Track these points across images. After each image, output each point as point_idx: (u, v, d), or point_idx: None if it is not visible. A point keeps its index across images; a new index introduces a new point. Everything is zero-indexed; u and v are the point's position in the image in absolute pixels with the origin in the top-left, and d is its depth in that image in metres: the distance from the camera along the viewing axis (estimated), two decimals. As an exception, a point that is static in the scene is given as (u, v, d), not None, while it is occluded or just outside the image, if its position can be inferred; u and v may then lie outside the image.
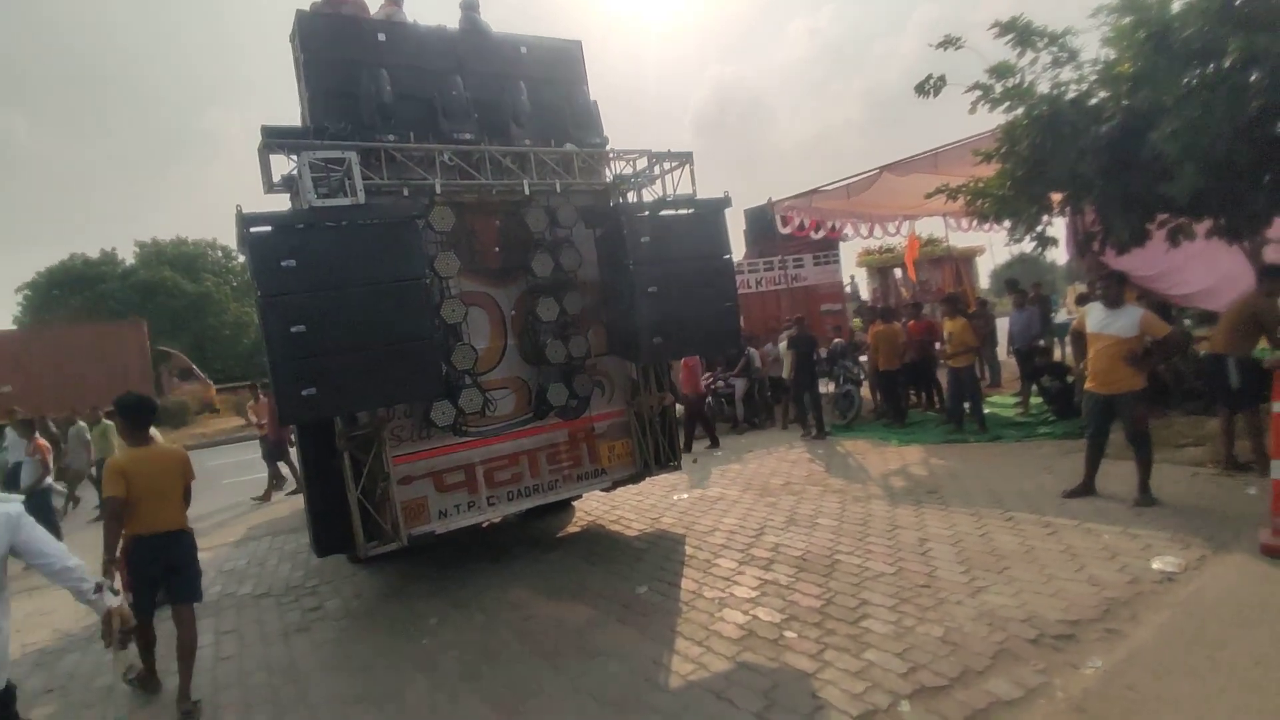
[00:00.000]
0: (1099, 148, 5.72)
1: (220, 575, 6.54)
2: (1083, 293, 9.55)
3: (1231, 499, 5.09)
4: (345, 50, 5.22)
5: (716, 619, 4.23)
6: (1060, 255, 10.00)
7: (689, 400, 10.16)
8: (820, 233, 12.81)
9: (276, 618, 5.25)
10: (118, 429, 4.42)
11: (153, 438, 4.45)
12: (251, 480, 10.72)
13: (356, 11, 5.67)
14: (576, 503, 7.39)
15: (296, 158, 4.53)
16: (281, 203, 5.15)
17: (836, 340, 11.37)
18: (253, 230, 4.20)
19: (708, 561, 5.24)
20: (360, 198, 4.54)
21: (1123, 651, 3.28)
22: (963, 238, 15.88)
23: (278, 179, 4.84)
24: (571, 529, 6.78)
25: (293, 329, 4.14)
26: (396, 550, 5.04)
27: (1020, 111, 6.35)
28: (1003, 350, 11.92)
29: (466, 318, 5.17)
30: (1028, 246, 7.19)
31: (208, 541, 7.87)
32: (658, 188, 6.01)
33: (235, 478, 12.15)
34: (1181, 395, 7.66)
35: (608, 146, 5.99)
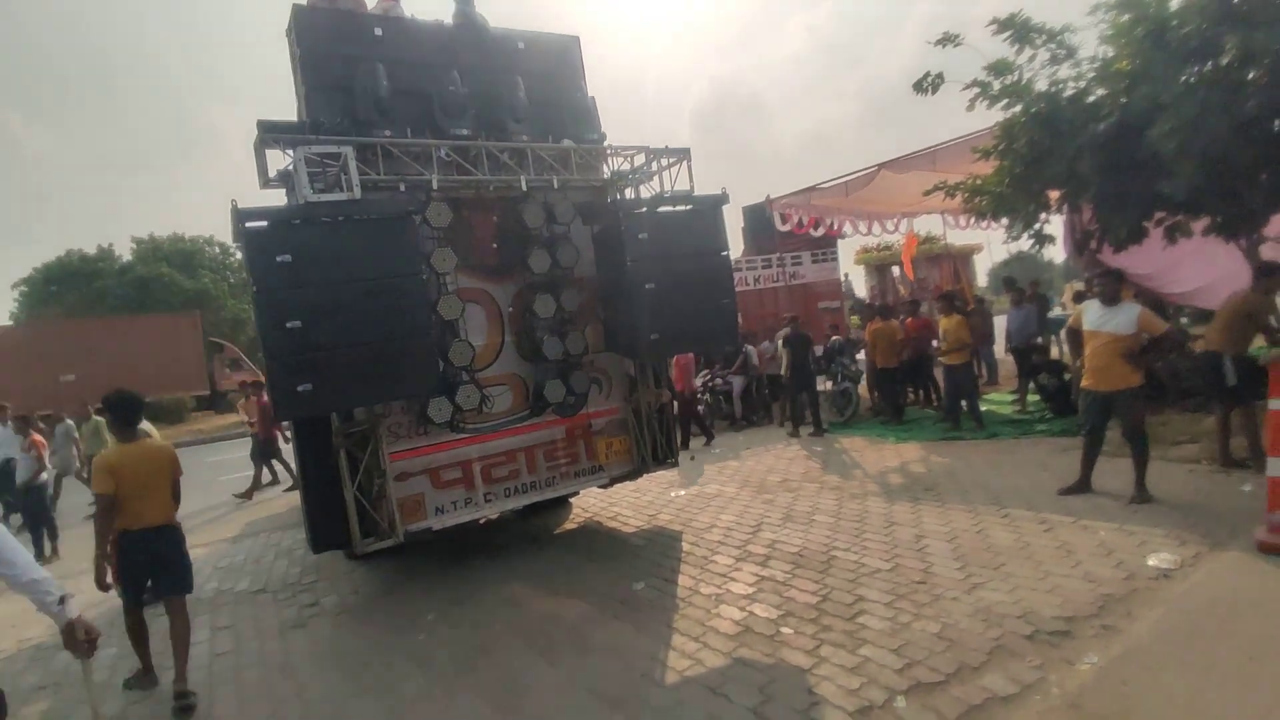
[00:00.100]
0: (1097, 145, 5.73)
1: (217, 571, 6.54)
2: (1080, 290, 9.56)
3: (1227, 496, 5.10)
4: (342, 45, 5.20)
5: (713, 615, 4.23)
6: (1058, 253, 10.03)
7: (681, 398, 10.16)
8: (820, 230, 12.80)
9: (273, 614, 5.24)
10: (108, 425, 4.42)
11: (146, 433, 4.44)
12: (247, 477, 10.68)
13: (353, 6, 5.64)
14: (574, 499, 7.39)
15: (292, 153, 4.52)
16: (278, 198, 5.13)
17: (834, 338, 11.36)
18: (248, 225, 4.19)
19: (705, 558, 5.25)
20: (356, 193, 4.52)
21: (1118, 647, 3.29)
22: (961, 236, 15.91)
23: (274, 174, 4.84)
24: (569, 525, 6.78)
25: (289, 324, 4.13)
26: (393, 547, 5.04)
27: (1018, 109, 6.36)
28: (1000, 348, 11.93)
29: (463, 314, 5.17)
30: (1025, 244, 7.23)
31: (205, 538, 7.87)
32: (655, 184, 6.00)
33: (232, 474, 12.12)
34: (1178, 393, 7.67)
35: (605, 142, 5.98)
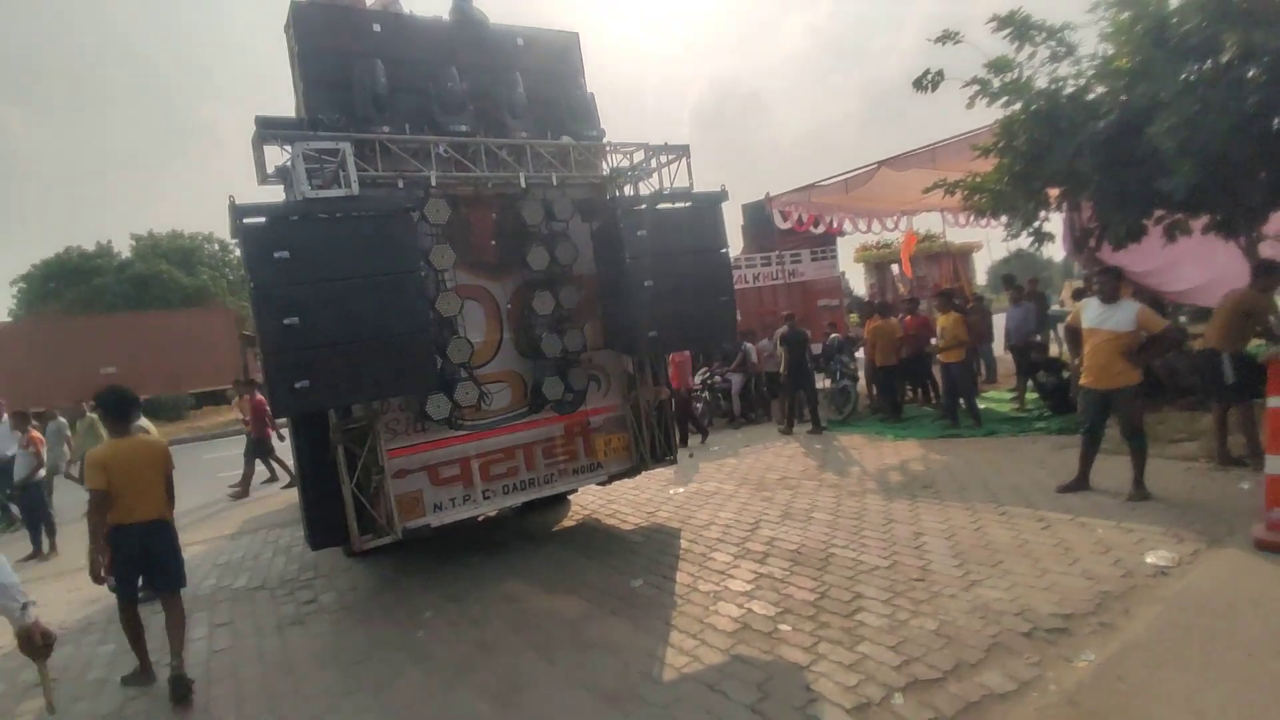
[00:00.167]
0: (1096, 143, 5.72)
1: (215, 568, 6.54)
2: (1079, 288, 9.56)
3: (1225, 494, 5.11)
4: (340, 41, 5.18)
5: (711, 612, 4.23)
6: (1057, 251, 10.02)
7: (677, 396, 10.16)
8: (820, 228, 12.79)
9: (271, 610, 5.24)
10: (102, 421, 4.46)
11: (142, 428, 4.46)
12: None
13: (352, 2, 5.63)
14: (572, 497, 7.39)
15: (290, 149, 4.50)
16: (276, 194, 5.12)
17: (833, 335, 11.36)
18: (246, 221, 4.17)
19: (703, 555, 5.25)
20: (354, 189, 4.51)
21: (1115, 645, 3.29)
22: (961, 234, 15.84)
23: (272, 170, 4.82)
24: (567, 523, 6.78)
25: (286, 321, 4.12)
26: (391, 543, 5.04)
27: (1018, 106, 6.35)
28: (999, 346, 11.94)
29: (462, 311, 5.16)
30: (1025, 242, 7.22)
31: (202, 534, 7.88)
32: (655, 181, 5.99)
33: (230, 471, 12.09)
34: (1176, 391, 7.67)
35: (604, 139, 5.97)
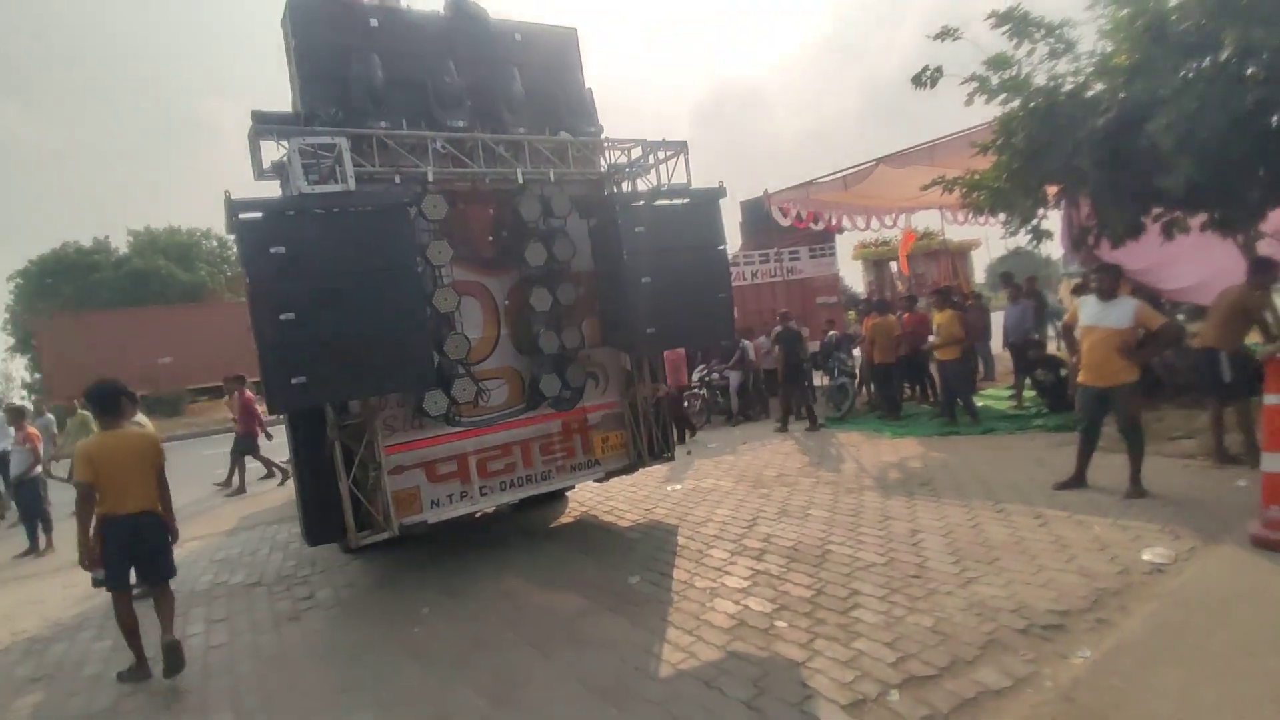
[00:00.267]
0: (1095, 140, 5.70)
1: (212, 564, 6.53)
2: (1078, 283, 9.54)
3: (1222, 491, 5.11)
4: (337, 35, 5.16)
5: (708, 608, 4.23)
6: (1055, 249, 9.98)
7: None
8: (819, 225, 12.79)
9: (268, 606, 5.23)
10: (94, 416, 4.50)
11: (140, 424, 4.46)
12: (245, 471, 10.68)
13: (349, -4, 5.61)
14: (570, 493, 7.39)
15: (287, 144, 4.49)
16: (272, 190, 5.11)
17: (831, 333, 11.37)
18: (242, 216, 4.16)
19: (700, 552, 5.25)
20: (351, 185, 4.50)
21: (1111, 641, 3.29)
22: (959, 231, 15.84)
23: (268, 165, 4.81)
24: (564, 519, 6.78)
25: (283, 316, 4.11)
26: (388, 540, 5.03)
27: (1017, 103, 6.33)
28: (997, 344, 11.94)
29: (459, 307, 5.14)
30: (1023, 240, 7.21)
31: (200, 530, 7.86)
32: (653, 177, 5.97)
33: (227, 468, 12.09)
34: (1174, 388, 7.68)
35: (602, 135, 5.95)
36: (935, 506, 5.60)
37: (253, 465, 10.56)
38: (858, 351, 11.25)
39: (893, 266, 17.49)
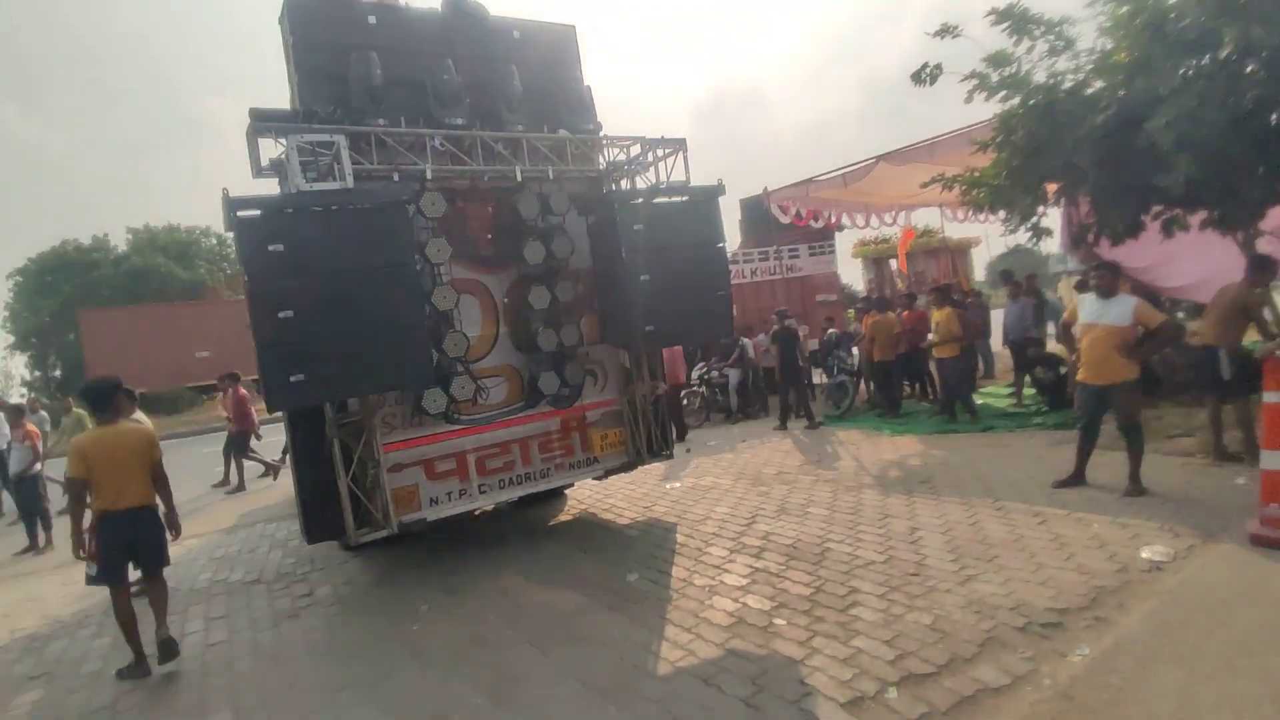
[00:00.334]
0: (1094, 138, 5.70)
1: (211, 562, 6.53)
2: (1079, 280, 9.54)
3: (1221, 489, 5.11)
4: (335, 32, 5.16)
5: (706, 606, 4.23)
6: (1049, 247, 9.95)
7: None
8: (819, 222, 12.78)
9: (267, 604, 5.24)
10: (89, 413, 4.54)
11: (138, 421, 4.48)
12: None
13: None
14: (569, 491, 7.39)
15: (285, 141, 4.48)
16: (271, 187, 5.11)
17: (831, 330, 11.36)
18: (240, 214, 4.15)
19: (699, 549, 5.25)
20: (349, 182, 4.49)
21: (1110, 639, 3.29)
22: (959, 229, 15.82)
23: (266, 163, 4.80)
24: (563, 517, 6.78)
25: (280, 314, 4.11)
26: (388, 537, 5.03)
27: (1016, 101, 6.32)
28: (997, 341, 11.94)
29: (458, 305, 5.14)
30: (1023, 237, 7.20)
31: (199, 528, 7.86)
32: (651, 175, 5.97)
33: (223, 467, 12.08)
34: (1173, 386, 7.67)
35: (601, 133, 5.94)
36: (934, 504, 5.60)
37: (252, 463, 10.55)
38: (857, 349, 11.25)
39: (892, 264, 17.47)
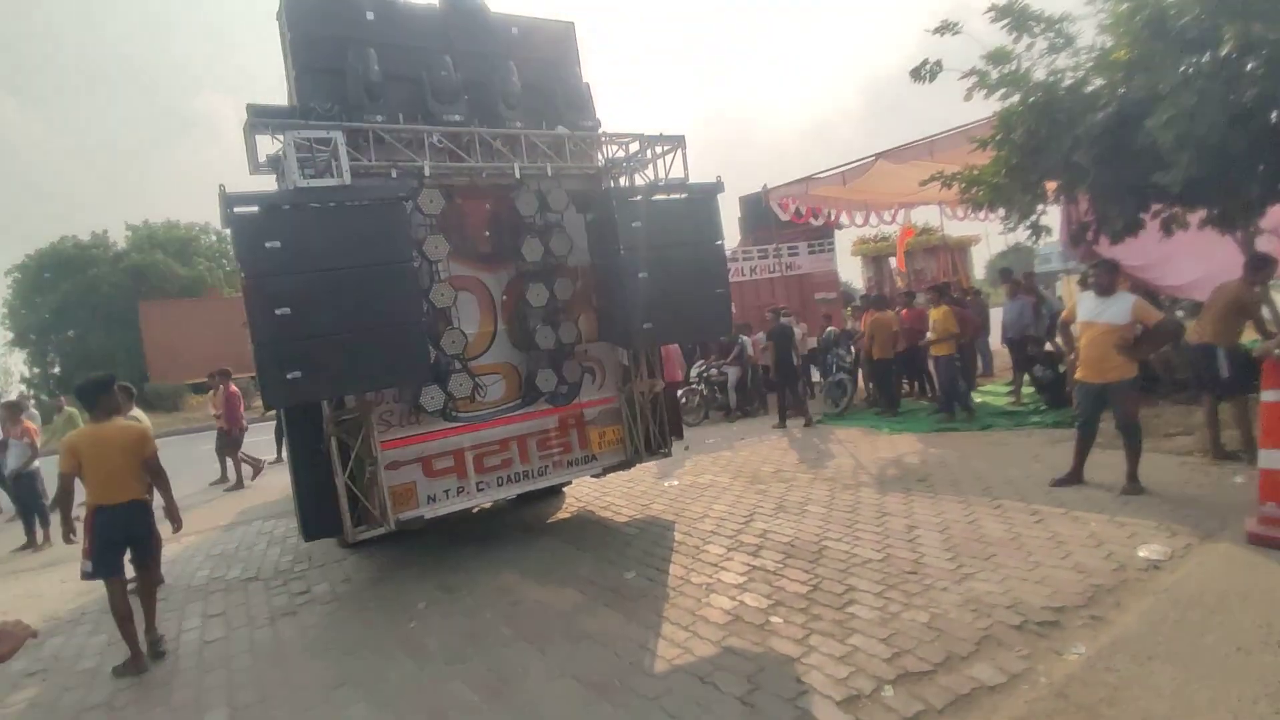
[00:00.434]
0: (1094, 135, 5.68)
1: (209, 559, 6.53)
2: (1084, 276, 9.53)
3: (1219, 488, 5.11)
4: (333, 28, 5.13)
5: (703, 604, 4.23)
6: (1043, 245, 9.93)
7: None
8: (819, 220, 12.76)
9: (264, 601, 5.23)
10: (83, 409, 4.64)
11: (136, 418, 4.50)
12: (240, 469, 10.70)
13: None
14: (566, 489, 7.39)
15: (282, 137, 4.46)
16: (268, 184, 5.09)
17: (830, 328, 11.35)
18: (237, 211, 4.14)
19: (696, 547, 5.25)
20: (347, 179, 4.48)
21: (1106, 638, 3.29)
22: (959, 227, 15.82)
23: (263, 159, 4.77)
24: (561, 515, 6.78)
25: (278, 311, 4.10)
26: (385, 535, 5.03)
27: (1016, 99, 6.30)
28: (996, 339, 11.94)
29: (456, 302, 5.14)
30: (1022, 235, 7.19)
31: (197, 525, 7.86)
32: (650, 172, 5.95)
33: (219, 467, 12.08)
34: (1171, 385, 7.67)
35: (600, 130, 5.93)
36: (932, 503, 5.60)
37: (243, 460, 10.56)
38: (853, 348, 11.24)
39: (892, 262, 17.47)
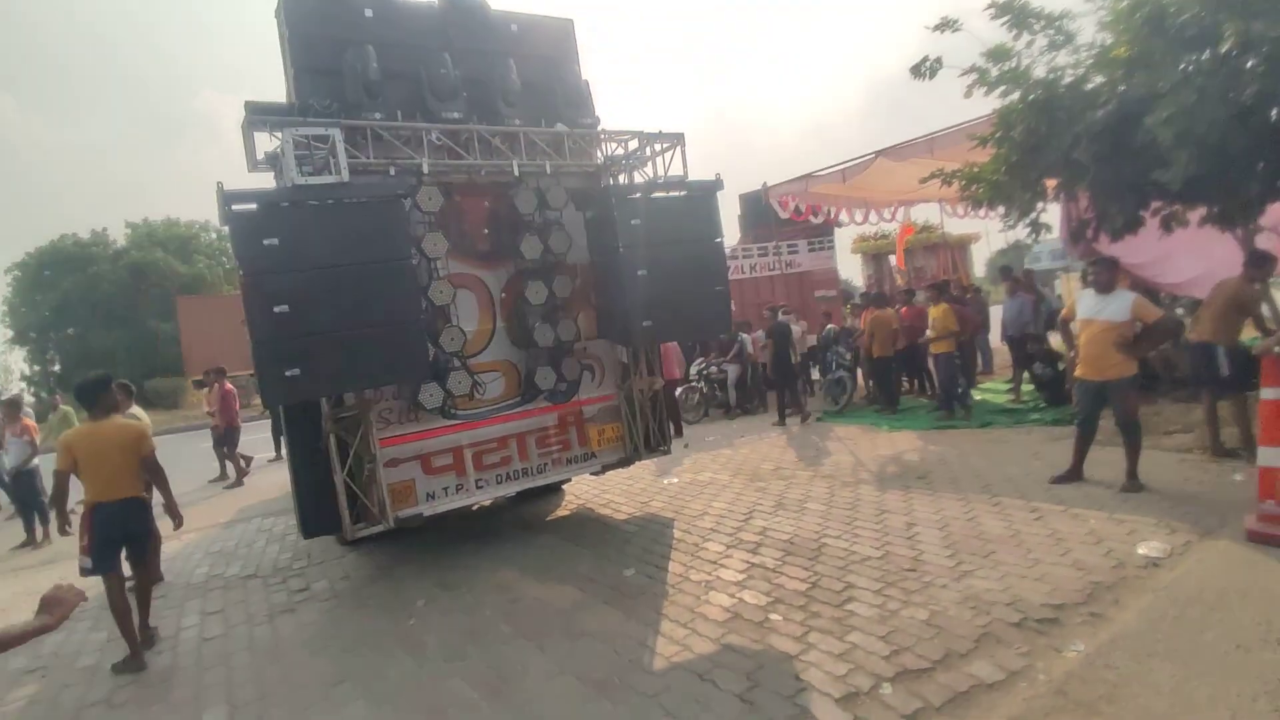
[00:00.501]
0: (1094, 133, 5.67)
1: (208, 556, 6.54)
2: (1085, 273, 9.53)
3: (1218, 485, 5.11)
4: (331, 26, 5.13)
5: (702, 601, 4.23)
6: (1038, 244, 9.95)
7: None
8: (819, 218, 12.75)
9: (263, 599, 5.24)
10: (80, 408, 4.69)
11: (133, 414, 4.53)
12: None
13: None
14: (566, 486, 7.39)
15: (281, 135, 4.46)
16: (266, 181, 5.08)
17: (829, 326, 11.35)
18: (235, 208, 4.13)
19: (696, 545, 5.25)
20: (345, 176, 4.47)
21: (1105, 635, 3.29)
22: (959, 225, 15.84)
23: (261, 157, 4.76)
24: (560, 512, 6.78)
25: (276, 309, 4.10)
26: (384, 532, 5.04)
27: (1016, 96, 6.29)
28: (996, 337, 11.94)
29: (455, 300, 5.14)
30: (1022, 233, 7.17)
31: (196, 522, 7.86)
32: (649, 169, 5.94)
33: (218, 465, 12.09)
34: (1171, 382, 7.67)
35: (599, 127, 5.92)
36: (931, 500, 5.60)
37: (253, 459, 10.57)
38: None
39: (891, 260, 17.45)
